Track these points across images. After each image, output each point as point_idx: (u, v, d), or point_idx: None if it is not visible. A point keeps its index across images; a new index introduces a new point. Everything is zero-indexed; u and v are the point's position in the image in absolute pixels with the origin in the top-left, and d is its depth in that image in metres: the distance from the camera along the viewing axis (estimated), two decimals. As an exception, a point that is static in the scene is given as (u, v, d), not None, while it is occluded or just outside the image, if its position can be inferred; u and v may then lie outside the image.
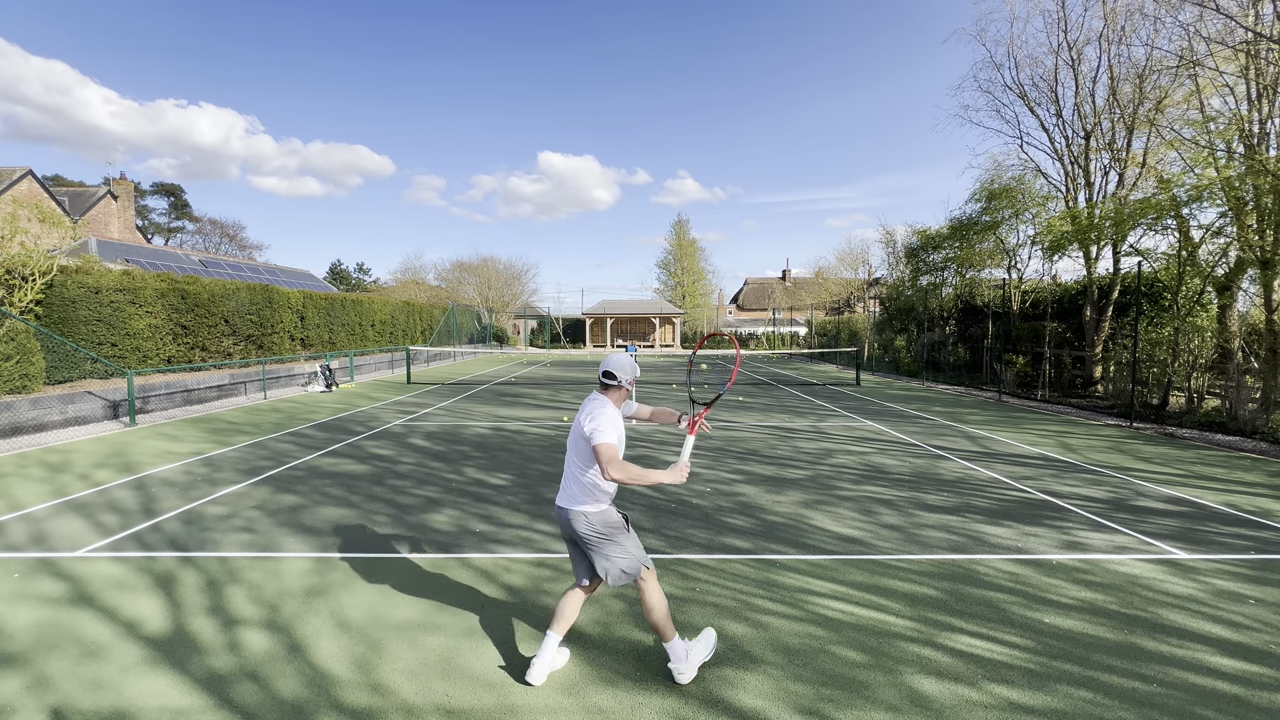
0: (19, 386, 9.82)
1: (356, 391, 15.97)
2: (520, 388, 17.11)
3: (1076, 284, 16.88)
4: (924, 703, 2.86)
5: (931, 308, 22.06)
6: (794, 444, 9.14)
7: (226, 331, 15.37)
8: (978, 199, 19.03)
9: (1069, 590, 4.10)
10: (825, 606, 3.82)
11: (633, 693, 2.93)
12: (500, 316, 45.07)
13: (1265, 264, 10.32)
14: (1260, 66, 10.44)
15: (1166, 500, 6.30)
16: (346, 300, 22.07)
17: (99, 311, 12.06)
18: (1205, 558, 4.71)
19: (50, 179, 41.37)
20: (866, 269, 36.87)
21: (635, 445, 8.84)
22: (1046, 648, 3.35)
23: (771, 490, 6.52)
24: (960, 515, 5.69)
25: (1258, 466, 7.94)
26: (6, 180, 23.90)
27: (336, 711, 2.77)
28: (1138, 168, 14.58)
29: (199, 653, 3.24)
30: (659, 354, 38.95)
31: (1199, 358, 12.01)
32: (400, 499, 6.12)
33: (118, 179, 31.19)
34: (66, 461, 7.60)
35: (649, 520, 5.47)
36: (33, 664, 3.13)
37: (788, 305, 51.59)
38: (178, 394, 12.62)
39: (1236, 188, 10.60)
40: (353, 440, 9.17)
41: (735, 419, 11.53)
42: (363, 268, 63.18)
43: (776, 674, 3.09)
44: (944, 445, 9.15)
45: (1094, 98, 15.39)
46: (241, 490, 6.37)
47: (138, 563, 4.44)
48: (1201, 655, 3.30)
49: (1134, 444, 9.40)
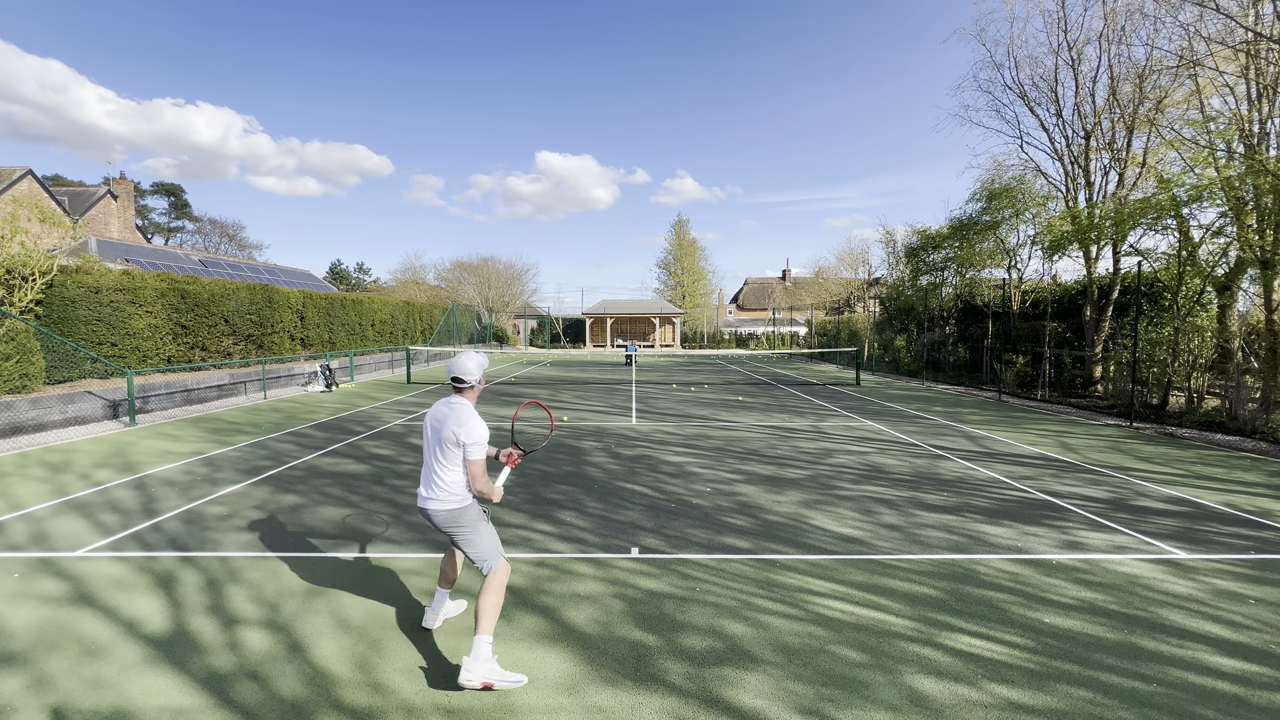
0: (19, 386, 9.82)
1: (356, 391, 15.97)
2: (520, 388, 17.11)
3: (1076, 284, 16.88)
4: (924, 702, 2.86)
5: (931, 308, 22.06)
6: (794, 444, 9.14)
7: (226, 331, 15.37)
8: (978, 199, 19.04)
9: (1069, 590, 4.10)
10: (825, 606, 3.83)
11: (633, 693, 2.93)
12: (500, 316, 45.06)
13: (1265, 264, 10.33)
14: (1260, 66, 10.44)
15: (1166, 500, 6.30)
16: (346, 300, 22.06)
17: (99, 311, 12.05)
18: (1205, 558, 4.72)
19: (50, 179, 41.38)
20: (866, 269, 36.87)
21: (635, 445, 8.85)
22: (1046, 647, 3.36)
23: (771, 490, 6.52)
24: (960, 515, 5.70)
25: (1257, 466, 7.94)
26: (6, 180, 23.90)
27: (337, 711, 2.77)
28: (1138, 168, 14.58)
29: (199, 652, 3.24)
30: (659, 354, 38.95)
31: (1199, 358, 12.01)
32: (400, 499, 6.12)
33: (118, 179, 31.18)
34: (67, 461, 7.60)
35: (649, 520, 5.47)
36: (33, 663, 3.13)
37: (788, 305, 51.59)
38: (178, 394, 12.62)
39: (1236, 188, 10.60)
40: (353, 440, 9.17)
41: (735, 419, 11.53)
42: (363, 267, 63.18)
43: (776, 674, 3.09)
44: (944, 445, 9.15)
45: (1094, 98, 15.39)
46: (241, 490, 6.38)
47: (138, 562, 4.44)
48: (1201, 655, 3.30)
49: (1134, 444, 9.40)
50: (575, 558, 4.59)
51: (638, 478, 6.98)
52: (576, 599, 3.90)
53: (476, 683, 2.84)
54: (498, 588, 3.07)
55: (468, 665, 2.87)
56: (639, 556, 4.62)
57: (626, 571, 4.34)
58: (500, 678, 2.90)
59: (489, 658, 2.91)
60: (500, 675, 2.91)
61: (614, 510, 5.77)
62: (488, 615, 2.99)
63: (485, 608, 2.99)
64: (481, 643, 2.92)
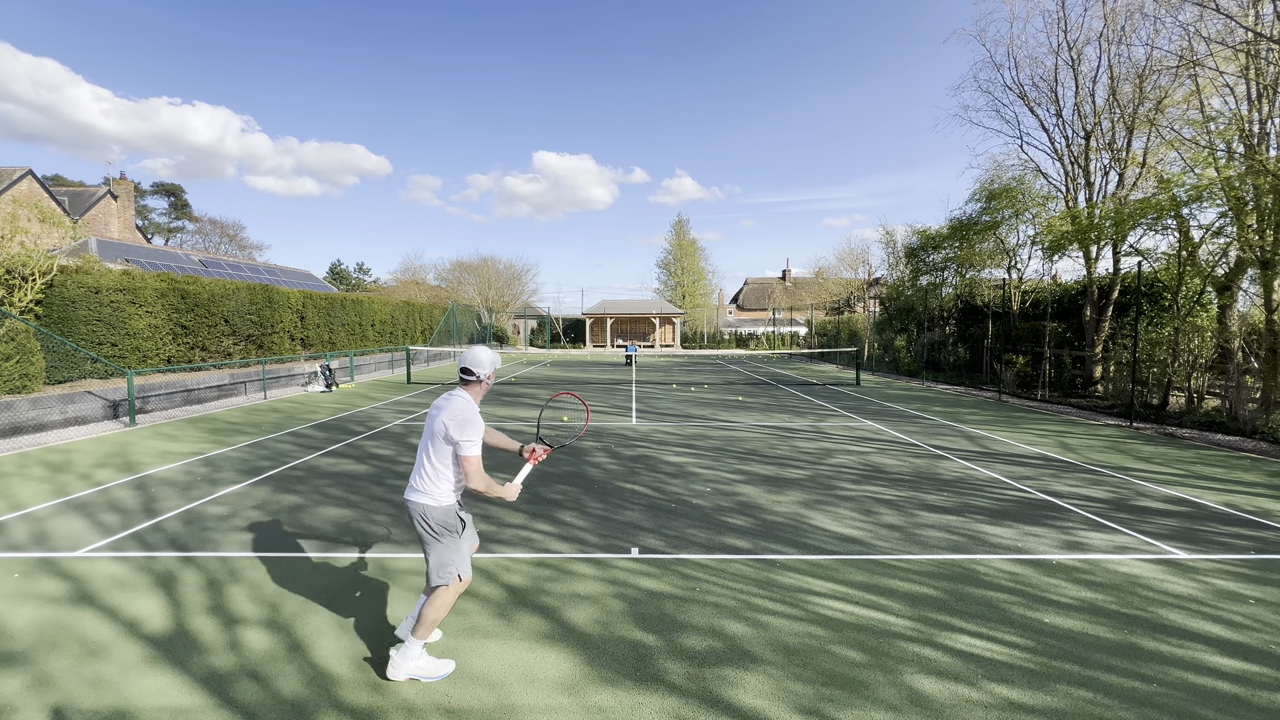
0: (19, 386, 9.82)
1: (356, 391, 15.97)
2: (520, 388, 17.10)
3: (1076, 284, 16.88)
4: (924, 702, 2.86)
5: (931, 308, 22.06)
6: (794, 444, 9.14)
7: (226, 331, 15.37)
8: (978, 199, 19.05)
9: (1069, 590, 4.10)
10: (825, 606, 3.83)
11: (633, 693, 2.93)
12: (500, 316, 45.06)
13: (1265, 264, 10.33)
14: (1260, 66, 10.44)
15: (1166, 500, 6.30)
16: (346, 300, 22.06)
17: (99, 311, 12.05)
18: (1205, 558, 4.72)
19: (50, 179, 41.37)
20: (866, 269, 36.88)
21: (635, 445, 8.85)
22: (1046, 647, 3.36)
23: (771, 490, 6.52)
24: (960, 515, 5.70)
25: (1257, 466, 7.94)
26: (6, 180, 23.90)
27: (337, 711, 2.77)
28: (1138, 168, 14.58)
29: (200, 652, 3.24)
30: (659, 354, 38.95)
31: (1199, 358, 12.01)
32: (400, 499, 6.12)
33: (117, 179, 31.17)
34: (67, 461, 7.60)
35: (648, 520, 5.47)
36: (34, 663, 3.13)
37: (788, 305, 51.60)
38: (178, 394, 12.62)
39: (1236, 188, 10.60)
40: (352, 440, 9.17)
41: (735, 419, 11.53)
42: (363, 268, 63.16)
43: (776, 674, 3.09)
44: (944, 445, 9.15)
45: (1094, 98, 15.40)
46: (241, 490, 6.38)
47: (138, 562, 4.44)
48: (1201, 655, 3.30)
49: (1134, 444, 9.40)
50: (575, 558, 4.59)
51: (638, 478, 6.98)
52: (576, 599, 3.90)
53: (402, 678, 2.96)
54: (442, 605, 2.96)
55: (394, 663, 2.97)
56: (639, 556, 4.62)
57: (626, 571, 4.34)
58: (428, 671, 2.98)
59: (416, 654, 2.99)
60: (428, 669, 2.99)
61: (614, 510, 5.77)
62: (426, 624, 2.96)
63: (425, 617, 2.95)
64: (414, 645, 2.97)
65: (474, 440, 2.87)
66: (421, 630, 2.96)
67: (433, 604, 2.96)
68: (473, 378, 3.02)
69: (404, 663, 2.95)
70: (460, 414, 2.87)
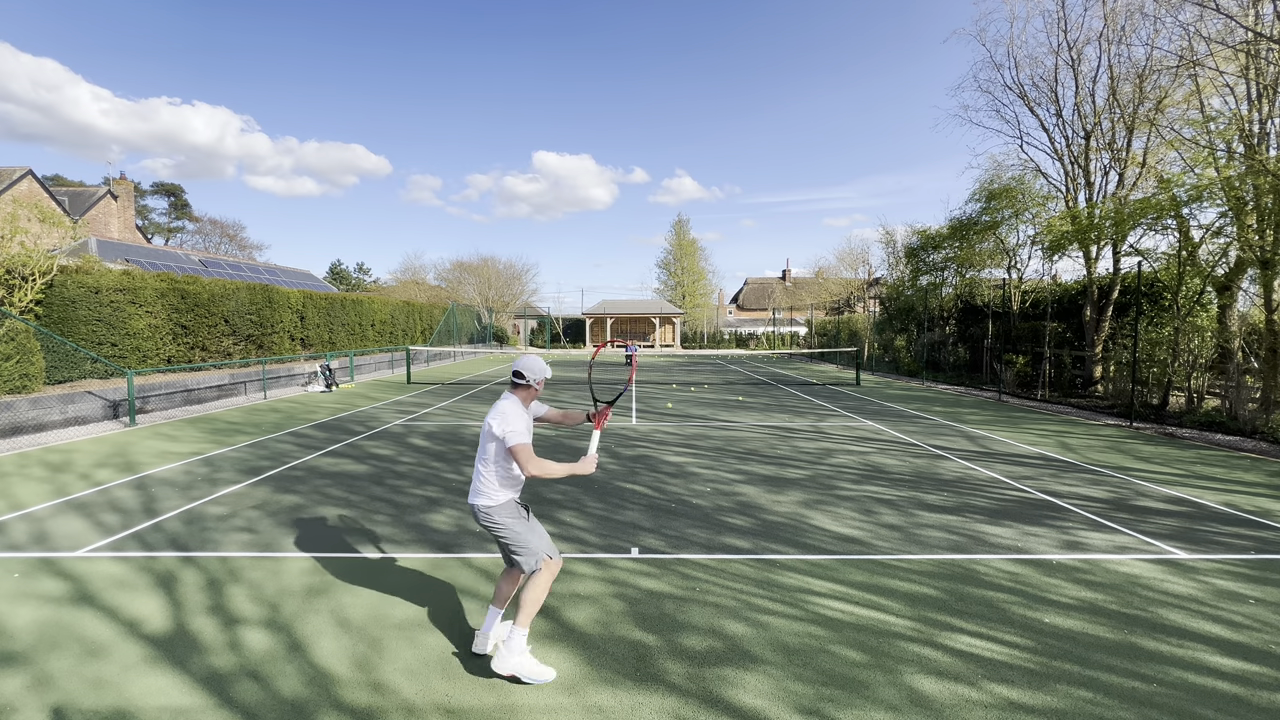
0: (19, 386, 9.82)
1: (356, 391, 15.97)
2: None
3: (1076, 284, 16.88)
4: (924, 702, 2.86)
5: (931, 308, 22.06)
6: (794, 444, 9.14)
7: (226, 331, 15.37)
8: (978, 199, 19.05)
9: (1069, 590, 4.10)
10: (825, 606, 3.83)
11: (633, 693, 2.93)
12: (500, 316, 45.07)
13: (1265, 264, 10.33)
14: (1260, 66, 10.44)
15: (1166, 500, 6.31)
16: (346, 300, 22.06)
17: (99, 311, 12.06)
18: (1205, 558, 4.72)
19: (50, 179, 41.37)
20: (866, 269, 36.88)
21: (635, 445, 8.85)
22: (1046, 647, 3.36)
23: (771, 490, 6.52)
24: (960, 515, 5.70)
25: (1257, 466, 7.95)
26: (6, 180, 23.90)
27: (337, 710, 2.78)
28: (1138, 168, 14.58)
29: (200, 652, 3.24)
30: (659, 354, 38.95)
31: (1199, 358, 12.02)
32: (400, 499, 6.12)
33: (118, 179, 31.17)
34: (67, 461, 7.61)
35: (648, 520, 5.47)
36: (34, 663, 3.13)
37: (788, 305, 51.58)
38: (177, 394, 12.62)
39: (1236, 188, 10.60)
40: (352, 440, 9.17)
41: (735, 419, 11.54)
42: (363, 268, 63.16)
43: (776, 673, 3.09)
44: (944, 445, 9.15)
45: (1094, 98, 15.40)
46: (241, 490, 6.38)
47: (138, 562, 4.44)
48: (1201, 655, 3.30)
49: (1134, 444, 9.40)
50: (575, 558, 4.59)
51: (638, 478, 6.98)
52: (576, 599, 3.91)
53: (506, 672, 2.95)
54: (540, 584, 3.04)
55: (500, 654, 2.97)
56: (639, 556, 4.62)
57: (626, 571, 4.34)
58: (529, 673, 2.96)
59: (523, 650, 2.98)
60: (530, 670, 2.97)
61: (614, 510, 5.77)
62: (526, 609, 3.01)
63: (525, 601, 3.02)
64: (517, 634, 2.98)
65: (518, 430, 2.96)
66: (523, 616, 3.00)
67: (530, 588, 3.03)
68: (522, 381, 3.14)
69: (510, 656, 2.96)
70: (503, 410, 3.03)
